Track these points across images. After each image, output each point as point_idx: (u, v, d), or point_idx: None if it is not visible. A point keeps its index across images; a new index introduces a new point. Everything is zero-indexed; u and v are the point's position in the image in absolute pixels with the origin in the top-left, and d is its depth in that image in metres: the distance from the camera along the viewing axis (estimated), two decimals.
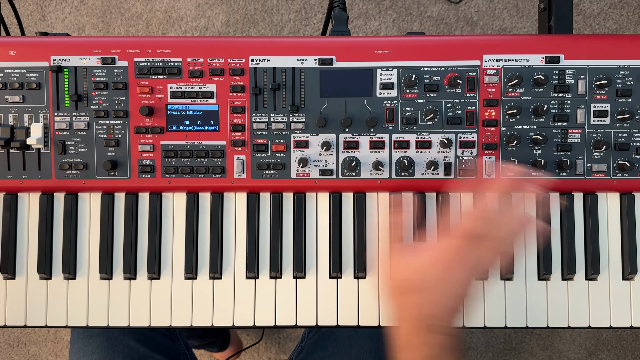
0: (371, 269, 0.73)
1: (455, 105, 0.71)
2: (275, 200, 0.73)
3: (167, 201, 0.74)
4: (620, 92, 0.70)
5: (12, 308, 0.73)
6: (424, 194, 0.73)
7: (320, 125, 0.71)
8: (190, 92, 0.71)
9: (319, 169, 0.72)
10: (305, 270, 0.73)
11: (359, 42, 0.71)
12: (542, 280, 0.73)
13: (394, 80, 0.71)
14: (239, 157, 0.72)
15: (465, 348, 1.55)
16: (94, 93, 0.71)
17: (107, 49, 0.71)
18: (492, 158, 0.72)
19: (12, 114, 0.71)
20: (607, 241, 0.73)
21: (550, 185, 0.70)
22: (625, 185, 0.72)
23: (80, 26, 1.59)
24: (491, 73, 0.71)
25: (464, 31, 1.58)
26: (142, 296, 0.72)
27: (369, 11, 1.58)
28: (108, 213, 0.73)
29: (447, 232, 0.59)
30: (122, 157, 0.71)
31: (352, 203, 0.73)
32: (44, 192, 0.73)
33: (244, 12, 1.58)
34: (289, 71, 0.71)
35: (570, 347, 1.56)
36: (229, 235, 0.73)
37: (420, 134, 0.71)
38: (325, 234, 0.73)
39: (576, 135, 0.71)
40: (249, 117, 0.71)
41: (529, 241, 0.72)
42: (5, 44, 0.71)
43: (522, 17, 1.58)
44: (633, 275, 0.72)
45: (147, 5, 1.59)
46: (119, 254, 0.73)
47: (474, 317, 0.72)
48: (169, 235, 0.73)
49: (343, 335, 0.85)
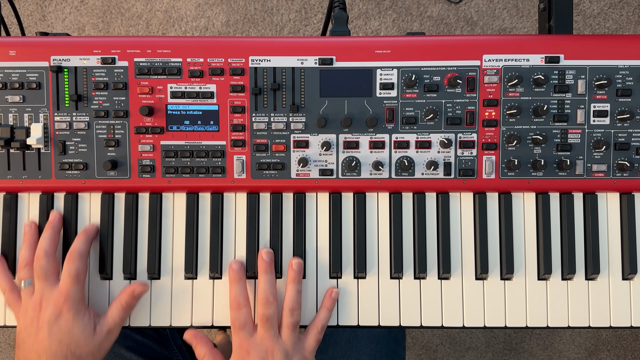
0: (371, 269, 0.73)
1: (455, 105, 0.71)
2: (275, 200, 0.73)
3: (167, 201, 0.74)
4: (620, 92, 0.70)
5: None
6: (423, 194, 0.73)
7: (320, 125, 0.71)
8: (190, 92, 0.71)
9: (319, 169, 0.72)
10: (305, 270, 0.73)
11: (359, 42, 0.71)
12: (542, 280, 0.73)
13: (394, 80, 0.71)
14: (239, 157, 0.72)
15: (465, 348, 1.55)
16: (94, 93, 0.71)
17: (107, 49, 0.71)
18: (492, 158, 0.72)
19: (12, 114, 0.71)
20: (607, 241, 0.73)
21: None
22: (625, 185, 0.72)
23: (80, 26, 1.59)
24: (491, 73, 0.71)
25: (464, 31, 1.58)
26: (142, 296, 0.72)
27: (369, 11, 1.58)
28: (108, 213, 0.73)
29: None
30: (122, 157, 0.71)
31: (352, 203, 0.74)
32: (44, 192, 0.73)
33: (244, 12, 1.58)
34: (289, 71, 0.71)
35: (570, 347, 1.56)
36: (229, 235, 0.73)
37: (420, 134, 0.71)
38: (325, 234, 0.73)
39: (576, 135, 0.71)
40: (249, 117, 0.71)
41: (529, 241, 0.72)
42: (5, 44, 0.71)
43: (522, 17, 1.58)
44: (633, 275, 0.72)
45: (147, 5, 1.59)
46: (118, 254, 0.73)
47: (474, 317, 0.72)
48: (169, 235, 0.73)
49: (343, 339, 0.85)
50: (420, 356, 1.55)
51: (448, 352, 1.55)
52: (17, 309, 0.69)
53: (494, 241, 0.73)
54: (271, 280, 0.70)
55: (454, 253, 0.73)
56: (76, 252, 0.68)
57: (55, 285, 0.67)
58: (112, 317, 0.69)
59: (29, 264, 0.69)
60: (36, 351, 0.65)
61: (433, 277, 0.73)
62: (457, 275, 0.73)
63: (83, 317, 0.67)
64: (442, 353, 1.55)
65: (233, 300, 0.69)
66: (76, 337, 0.66)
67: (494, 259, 0.73)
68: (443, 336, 1.54)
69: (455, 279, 0.73)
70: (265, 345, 0.67)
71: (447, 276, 0.72)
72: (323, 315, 0.70)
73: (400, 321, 0.72)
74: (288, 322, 0.68)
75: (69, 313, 0.66)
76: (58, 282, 0.68)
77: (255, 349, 0.67)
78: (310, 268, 0.73)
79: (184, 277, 0.73)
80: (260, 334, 0.67)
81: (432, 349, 1.55)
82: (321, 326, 0.70)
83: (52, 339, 0.65)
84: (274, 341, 0.67)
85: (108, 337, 0.68)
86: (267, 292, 0.68)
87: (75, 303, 0.66)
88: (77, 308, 0.66)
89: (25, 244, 0.70)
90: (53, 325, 0.65)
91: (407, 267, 0.73)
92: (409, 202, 0.73)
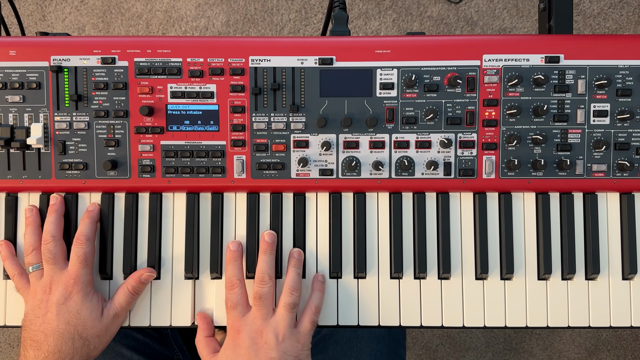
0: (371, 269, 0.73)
1: (455, 105, 0.71)
2: (275, 200, 0.73)
3: (167, 201, 0.74)
4: (620, 92, 0.70)
5: (12, 309, 0.73)
6: (423, 193, 0.73)
7: (320, 125, 0.71)
8: (190, 92, 0.71)
9: (319, 168, 0.72)
10: (305, 270, 0.73)
11: (359, 42, 0.71)
12: (542, 280, 0.73)
13: (394, 80, 0.71)
14: (239, 157, 0.72)
15: (465, 348, 1.55)
16: (94, 93, 0.71)
17: (107, 49, 0.71)
18: (492, 158, 0.72)
19: (12, 114, 0.71)
20: (607, 241, 0.73)
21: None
22: (625, 185, 0.72)
23: (80, 26, 1.59)
24: (491, 73, 0.71)
25: (464, 31, 1.58)
26: (142, 296, 0.72)
27: (369, 11, 1.58)
28: (108, 213, 0.73)
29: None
30: (122, 157, 0.71)
31: (352, 203, 0.74)
32: (44, 192, 0.73)
33: (244, 12, 1.58)
34: (289, 71, 0.71)
35: (570, 347, 1.56)
36: (230, 235, 0.73)
37: (420, 134, 0.71)
38: (325, 234, 0.73)
39: (576, 135, 0.71)
40: (249, 117, 0.71)
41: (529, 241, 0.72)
42: (5, 44, 0.71)
43: (522, 17, 1.58)
44: (633, 275, 0.72)
45: (147, 5, 1.59)
46: (119, 254, 0.73)
47: (474, 317, 0.72)
48: (169, 235, 0.73)
49: (344, 338, 0.85)
50: (420, 356, 1.55)
51: (448, 352, 1.55)
52: (25, 292, 0.70)
53: (494, 241, 0.73)
54: (270, 261, 0.70)
55: (454, 253, 0.73)
56: (83, 235, 0.69)
57: (64, 268, 0.68)
58: (119, 301, 0.69)
59: (37, 249, 0.70)
60: (43, 332, 0.66)
61: (433, 277, 0.73)
62: (457, 275, 0.73)
63: (92, 300, 0.68)
64: (442, 353, 1.55)
65: (227, 280, 0.69)
66: (84, 319, 0.67)
67: (494, 258, 0.73)
68: (443, 336, 1.54)
69: (455, 279, 0.73)
70: (256, 325, 0.67)
71: (447, 276, 0.72)
72: (316, 296, 0.71)
73: (400, 321, 0.72)
74: (285, 302, 0.68)
75: (78, 295, 0.67)
76: (66, 265, 0.69)
77: (245, 328, 0.67)
78: (310, 268, 0.73)
79: (184, 277, 0.73)
80: (252, 313, 0.68)
81: (432, 349, 1.55)
82: (315, 307, 0.70)
83: (60, 319, 0.66)
84: (265, 321, 0.67)
85: (115, 320, 0.69)
86: (264, 272, 0.69)
87: (85, 285, 0.68)
88: (86, 290, 0.68)
89: (28, 229, 0.71)
90: (62, 307, 0.66)
91: (407, 267, 0.73)
92: (409, 202, 0.73)
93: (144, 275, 0.70)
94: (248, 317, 0.68)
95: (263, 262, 0.70)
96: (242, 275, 0.70)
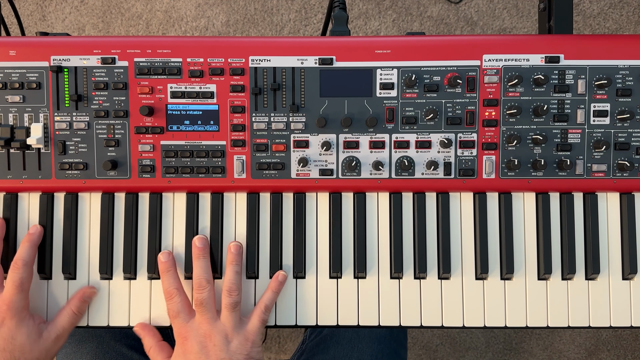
0: (371, 269, 0.73)
1: (455, 105, 0.71)
2: (275, 200, 0.73)
3: (167, 201, 0.74)
4: (620, 92, 0.70)
5: None
6: (424, 193, 0.73)
7: (320, 125, 0.71)
8: (190, 92, 0.71)
9: (319, 168, 0.72)
10: (305, 270, 0.73)
11: (359, 42, 0.71)
12: (542, 280, 0.73)
13: (394, 80, 0.71)
14: (239, 157, 0.72)
15: (465, 348, 1.55)
16: (94, 93, 0.71)
17: (107, 49, 0.71)
18: (492, 158, 0.72)
19: (12, 114, 0.71)
20: (607, 241, 0.73)
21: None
22: (625, 185, 0.72)
23: (80, 26, 1.59)
24: (491, 73, 0.71)
25: (464, 31, 1.58)
26: (142, 296, 0.72)
27: (369, 11, 1.58)
28: (108, 213, 0.73)
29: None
30: (122, 157, 0.71)
31: (352, 203, 0.74)
32: (44, 192, 0.73)
33: (244, 12, 1.58)
34: (289, 71, 0.71)
35: (570, 347, 1.56)
36: (229, 235, 0.73)
37: (420, 134, 0.71)
38: (325, 233, 0.73)
39: (576, 135, 0.71)
40: (249, 117, 0.71)
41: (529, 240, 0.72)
42: (5, 44, 0.71)
43: (522, 17, 1.58)
44: (633, 275, 0.72)
45: (147, 5, 1.59)
46: (119, 254, 0.73)
47: (474, 317, 0.72)
48: (169, 235, 0.73)
49: (345, 339, 0.85)
50: (420, 356, 1.55)
51: (448, 352, 1.55)
52: None
53: (494, 241, 0.73)
54: (204, 266, 0.70)
55: (454, 253, 0.73)
56: (21, 260, 0.68)
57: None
58: (62, 322, 0.69)
59: None
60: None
61: (433, 277, 0.73)
62: (457, 275, 0.73)
63: (27, 324, 0.67)
64: (442, 353, 1.55)
65: (165, 292, 0.69)
66: (20, 344, 0.66)
67: (494, 258, 0.73)
68: (443, 336, 1.54)
69: (455, 279, 0.73)
70: (203, 330, 0.67)
71: (447, 276, 0.72)
72: (267, 295, 0.71)
73: (401, 321, 0.72)
74: (226, 303, 0.68)
75: (12, 321, 0.66)
76: (1, 290, 0.68)
77: (192, 334, 0.67)
78: (310, 268, 0.73)
79: (184, 277, 0.73)
80: (197, 319, 0.68)
81: (432, 349, 1.55)
82: (264, 306, 0.70)
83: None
84: (211, 324, 0.67)
85: (56, 342, 0.69)
86: (201, 277, 0.69)
87: (18, 311, 0.67)
88: (20, 316, 0.67)
89: None
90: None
91: (407, 267, 0.73)
92: (409, 202, 0.73)
93: (86, 293, 0.70)
94: (194, 323, 0.68)
95: (198, 268, 0.70)
96: (178, 283, 0.70)
